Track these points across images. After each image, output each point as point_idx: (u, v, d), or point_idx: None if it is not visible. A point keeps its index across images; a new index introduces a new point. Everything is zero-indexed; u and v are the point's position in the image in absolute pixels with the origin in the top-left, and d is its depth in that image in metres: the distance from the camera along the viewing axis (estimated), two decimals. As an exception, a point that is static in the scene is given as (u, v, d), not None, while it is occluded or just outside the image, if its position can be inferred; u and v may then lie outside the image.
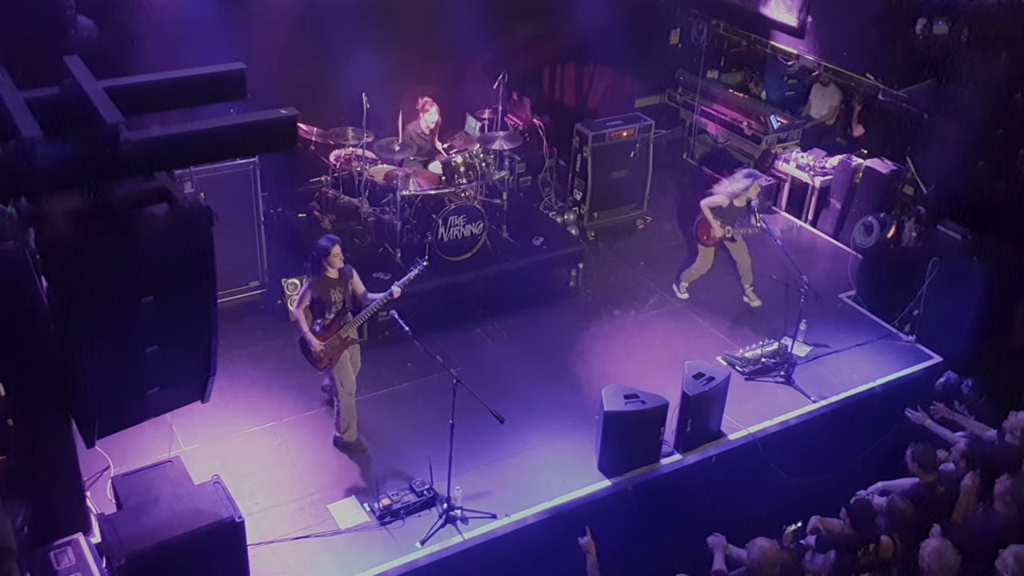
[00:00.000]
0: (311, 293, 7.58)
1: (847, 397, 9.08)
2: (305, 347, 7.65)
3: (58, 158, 3.61)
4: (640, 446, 8.02)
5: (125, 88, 3.94)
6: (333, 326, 7.62)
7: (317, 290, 7.57)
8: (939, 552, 6.16)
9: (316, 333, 7.60)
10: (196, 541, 5.84)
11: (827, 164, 11.84)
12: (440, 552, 7.17)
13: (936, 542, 6.25)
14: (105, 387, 4.34)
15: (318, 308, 7.65)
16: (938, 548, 6.19)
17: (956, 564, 6.17)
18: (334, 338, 7.60)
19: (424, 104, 10.41)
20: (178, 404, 4.88)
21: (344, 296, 7.64)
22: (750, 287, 10.28)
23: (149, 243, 4.04)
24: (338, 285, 7.60)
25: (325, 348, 7.58)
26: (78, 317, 4.08)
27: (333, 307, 7.61)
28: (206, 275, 4.33)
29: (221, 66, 4.26)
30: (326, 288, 7.57)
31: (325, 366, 7.71)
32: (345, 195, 10.25)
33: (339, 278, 7.59)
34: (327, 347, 7.59)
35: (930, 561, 6.15)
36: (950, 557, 6.16)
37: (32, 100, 3.71)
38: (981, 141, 9.28)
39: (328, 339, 7.59)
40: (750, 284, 10.27)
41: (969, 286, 9.25)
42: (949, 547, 6.21)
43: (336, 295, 7.60)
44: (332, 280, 7.56)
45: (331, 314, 7.61)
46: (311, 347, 7.58)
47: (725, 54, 13.59)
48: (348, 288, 7.66)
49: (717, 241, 10.01)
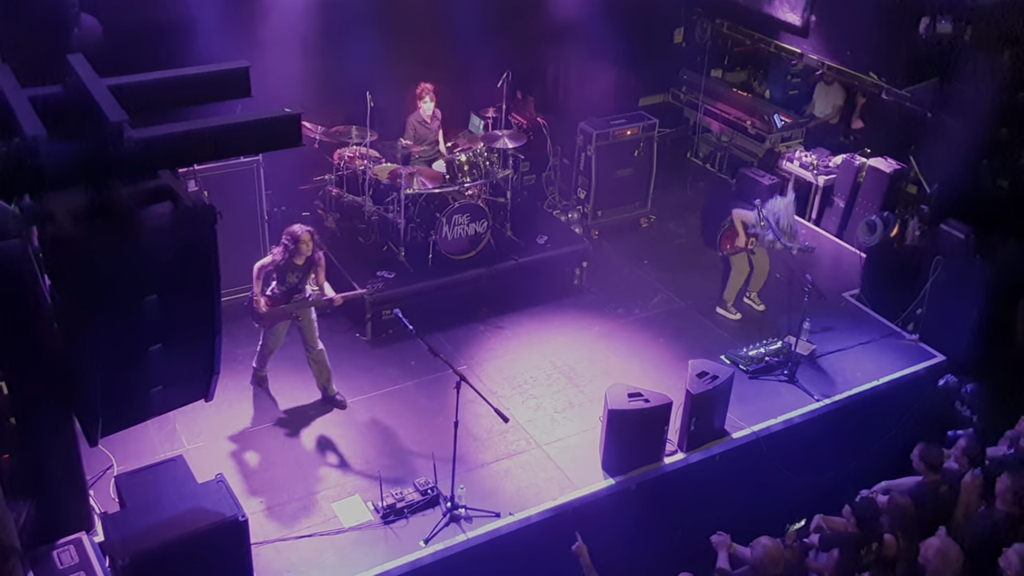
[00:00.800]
0: (271, 263, 7.99)
1: (850, 396, 9.06)
2: (251, 304, 8.05)
3: (62, 156, 3.61)
4: (644, 445, 8.01)
5: (129, 86, 3.94)
6: (282, 298, 8.06)
7: (279, 265, 7.97)
8: (943, 552, 6.16)
9: (267, 296, 8.02)
10: (199, 540, 5.84)
11: (831, 163, 11.82)
12: (444, 551, 7.16)
13: (939, 542, 6.24)
14: (108, 385, 4.34)
15: (276, 276, 8.07)
16: (941, 548, 6.18)
17: (959, 563, 6.16)
18: (278, 309, 8.05)
19: (422, 91, 10.39)
20: (181, 403, 4.89)
21: (300, 281, 8.08)
22: (756, 293, 10.26)
23: (153, 242, 4.04)
24: (299, 271, 8.01)
25: (268, 313, 8.03)
26: (81, 315, 4.09)
27: (284, 284, 8.05)
28: (209, 273, 4.33)
29: (225, 64, 4.27)
30: (287, 268, 7.98)
31: (265, 326, 8.21)
32: (349, 193, 10.26)
33: (303, 264, 7.98)
34: (270, 314, 8.04)
35: (935, 562, 6.14)
36: (953, 557, 6.16)
37: (36, 98, 3.71)
38: (985, 140, 9.25)
39: (272, 307, 8.02)
40: (757, 291, 10.26)
41: (972, 285, 9.23)
42: (952, 547, 6.21)
43: (292, 279, 8.03)
44: (295, 264, 7.96)
45: (284, 287, 8.05)
46: (257, 308, 8.01)
47: (729, 53, 13.57)
48: (309, 274, 8.08)
49: (740, 250, 9.95)
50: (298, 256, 7.88)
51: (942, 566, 6.12)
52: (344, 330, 9.49)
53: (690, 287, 10.64)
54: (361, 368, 9.05)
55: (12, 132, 3.57)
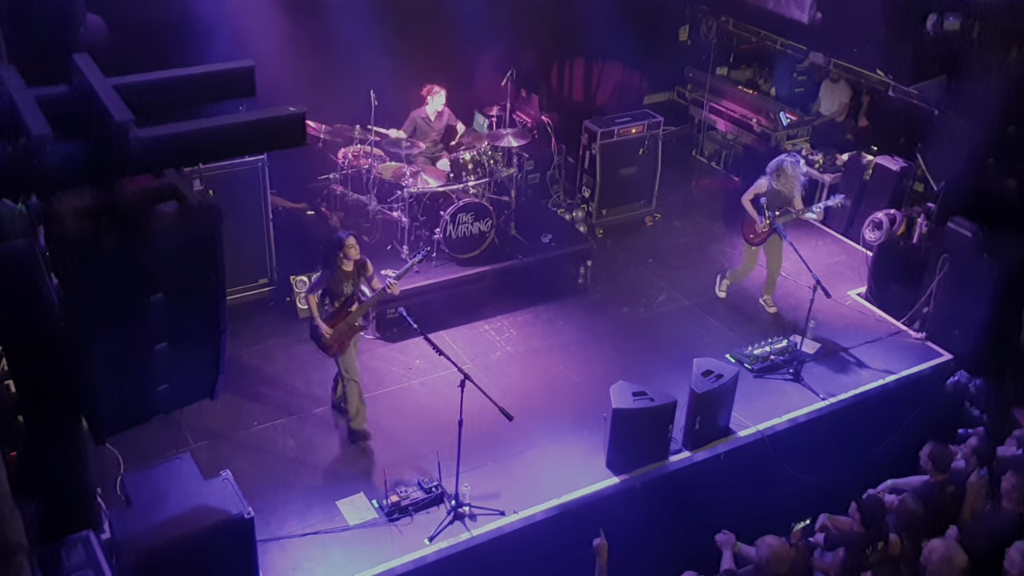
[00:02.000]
0: (324, 284, 7.71)
1: (856, 395, 9.05)
2: (316, 333, 7.73)
3: (68, 156, 3.62)
4: (648, 443, 8.01)
5: (134, 86, 3.94)
6: (341, 313, 7.71)
7: (330, 281, 7.68)
8: (947, 557, 6.13)
9: (324, 319, 7.70)
10: (206, 538, 5.85)
11: (837, 161, 11.81)
12: (448, 549, 7.18)
13: (943, 546, 6.20)
14: (115, 384, 4.35)
15: (328, 296, 7.77)
16: (944, 553, 6.15)
17: (963, 565, 6.14)
18: (342, 324, 7.69)
19: (430, 89, 10.39)
20: (187, 401, 4.89)
21: (355, 287, 7.77)
22: (769, 296, 10.24)
23: (158, 241, 4.04)
24: (351, 278, 7.72)
25: (334, 334, 7.68)
26: (88, 314, 4.09)
27: (342, 296, 7.74)
28: (215, 272, 4.33)
29: (230, 63, 4.27)
30: (338, 280, 7.68)
31: (335, 352, 7.79)
32: (353, 192, 10.26)
33: (353, 270, 7.70)
34: (336, 334, 7.68)
35: (937, 564, 6.12)
36: (957, 558, 6.14)
37: (42, 98, 3.72)
38: (992, 138, 9.22)
39: (336, 326, 7.68)
40: (771, 293, 10.23)
41: (979, 283, 9.21)
42: (956, 549, 6.19)
43: (347, 287, 7.72)
44: (346, 272, 7.68)
45: (339, 302, 7.72)
46: (321, 333, 7.66)
47: (734, 50, 13.56)
48: (360, 280, 7.79)
49: (763, 238, 9.84)
50: (346, 262, 7.66)
51: (947, 569, 6.10)
52: (349, 328, 9.52)
53: (695, 285, 10.63)
54: (366, 366, 9.03)
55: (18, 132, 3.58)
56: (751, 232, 9.93)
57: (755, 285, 10.54)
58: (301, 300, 9.61)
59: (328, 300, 7.78)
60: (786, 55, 12.62)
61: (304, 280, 9.64)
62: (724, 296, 10.41)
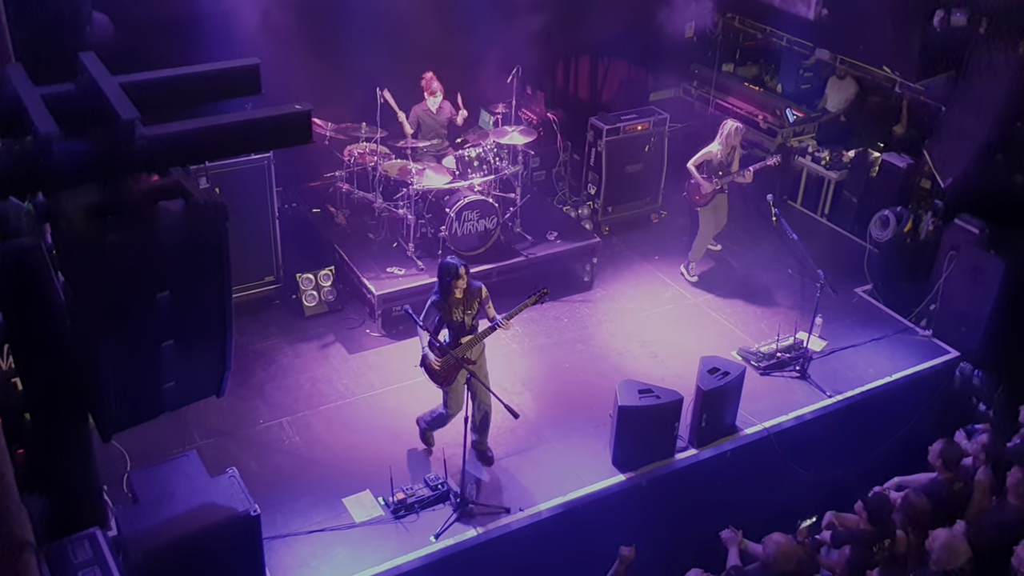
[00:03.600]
0: (435, 310, 7.41)
1: (863, 392, 9.04)
2: (425, 362, 7.53)
3: (74, 154, 3.62)
4: (654, 441, 8.00)
5: (140, 84, 3.94)
6: (451, 344, 7.45)
7: (440, 307, 7.39)
8: (949, 545, 6.13)
9: (436, 349, 7.41)
10: (212, 535, 5.86)
11: (844, 158, 11.78)
12: (454, 546, 7.18)
13: (945, 534, 6.21)
14: (121, 382, 4.35)
15: (445, 325, 7.48)
16: (947, 541, 6.16)
17: (966, 554, 6.13)
18: (449, 357, 7.38)
19: (428, 82, 10.37)
20: (194, 399, 4.89)
21: (468, 316, 7.41)
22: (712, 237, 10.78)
23: (164, 238, 4.04)
24: (461, 305, 7.37)
25: (443, 366, 7.42)
26: (94, 312, 4.10)
27: (455, 325, 7.41)
28: (221, 270, 4.33)
29: (235, 61, 4.27)
30: (450, 307, 7.37)
31: (441, 382, 7.54)
32: (359, 190, 10.27)
33: (464, 298, 7.36)
34: (444, 365, 7.42)
35: (940, 553, 6.12)
36: (960, 548, 6.13)
37: (48, 96, 3.72)
38: (999, 134, 9.20)
39: (446, 356, 7.40)
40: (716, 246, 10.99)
41: (986, 280, 9.19)
42: (958, 538, 6.18)
43: (458, 315, 7.37)
44: (456, 299, 7.35)
45: (453, 331, 7.44)
46: (431, 364, 7.45)
47: (740, 47, 13.52)
48: (475, 307, 7.42)
49: (712, 196, 10.22)
50: (456, 291, 7.28)
51: (948, 558, 6.10)
52: (355, 326, 9.52)
53: (701, 283, 10.62)
54: (371, 364, 9.07)
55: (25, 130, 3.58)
56: (697, 194, 10.30)
57: (756, 284, 10.55)
58: (307, 298, 9.62)
59: (446, 329, 7.46)
60: (792, 51, 12.58)
61: (310, 278, 9.65)
62: (696, 280, 10.61)
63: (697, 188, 10.28)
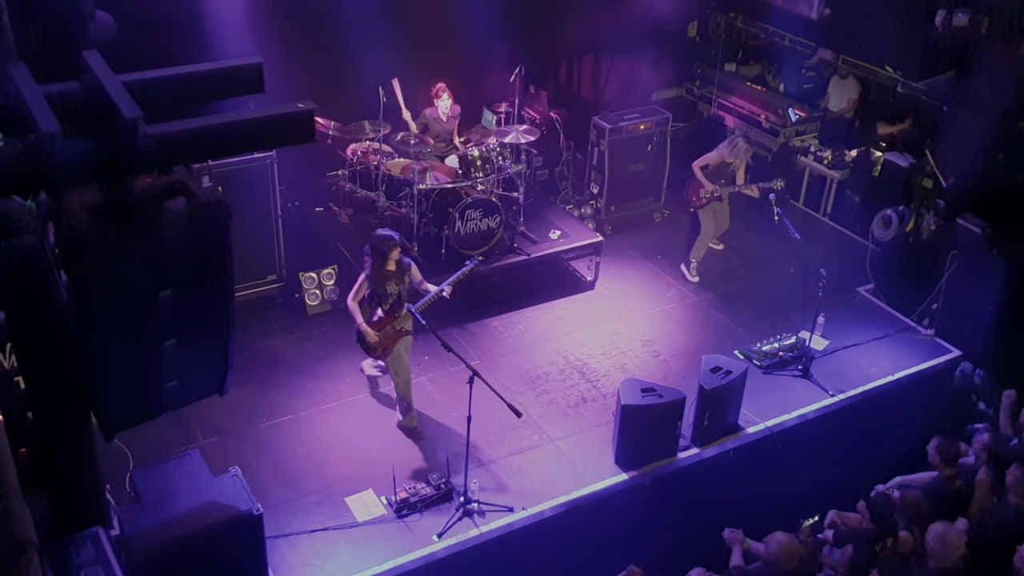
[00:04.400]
0: (368, 285, 7.65)
1: (865, 391, 9.03)
2: (361, 337, 7.73)
3: (77, 152, 3.62)
4: (657, 440, 8.00)
5: (143, 82, 3.94)
6: (388, 317, 7.71)
7: (373, 282, 7.63)
8: (942, 535, 6.14)
9: (371, 324, 7.67)
10: (215, 534, 5.86)
11: (846, 157, 11.77)
12: (457, 545, 7.18)
13: (940, 526, 6.22)
14: (124, 381, 4.36)
15: (374, 300, 7.73)
16: (941, 532, 6.17)
17: (960, 546, 6.13)
18: (388, 329, 7.69)
19: (437, 91, 10.40)
20: (196, 398, 4.90)
21: (400, 288, 7.72)
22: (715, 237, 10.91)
23: (167, 237, 4.05)
24: (394, 278, 7.67)
25: (380, 339, 7.67)
26: (97, 311, 4.10)
27: (389, 299, 7.70)
28: (224, 269, 4.34)
29: (239, 60, 4.27)
30: (382, 280, 7.63)
31: (379, 355, 7.83)
32: (362, 189, 10.27)
33: (396, 271, 7.65)
34: (382, 338, 7.67)
35: (933, 544, 6.13)
36: (953, 540, 6.13)
37: (51, 95, 3.72)
38: (1001, 134, 9.20)
39: (383, 330, 7.68)
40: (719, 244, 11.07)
41: (988, 280, 9.19)
42: (952, 530, 6.19)
43: (392, 287, 7.67)
44: (389, 272, 7.63)
45: (387, 305, 7.70)
46: (367, 338, 7.66)
47: (743, 46, 13.51)
48: (405, 281, 7.74)
49: (708, 201, 10.33)
50: (389, 262, 7.60)
51: (941, 548, 6.11)
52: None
53: (703, 282, 10.62)
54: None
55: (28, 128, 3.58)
56: (694, 196, 10.42)
57: (758, 283, 10.55)
58: (310, 296, 9.63)
59: (375, 303, 7.73)
60: (795, 51, 12.57)
61: (313, 276, 9.66)
62: (697, 280, 10.64)
63: (696, 190, 10.35)
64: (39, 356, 4.86)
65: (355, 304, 7.70)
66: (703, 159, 10.32)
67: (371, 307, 7.78)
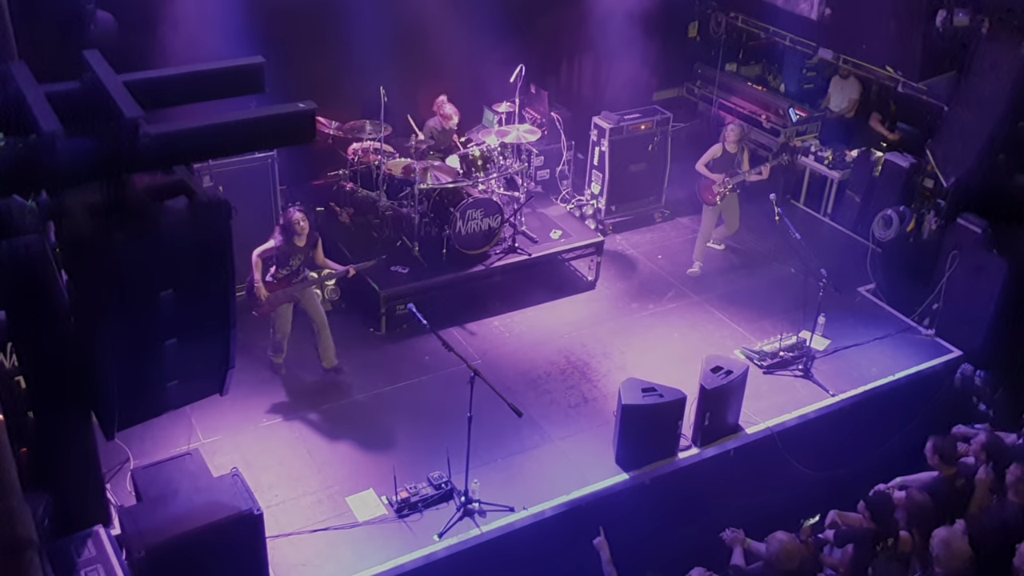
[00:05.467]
0: (274, 252, 8.22)
1: (866, 391, 9.03)
2: (251, 289, 8.28)
3: (78, 152, 3.63)
4: (658, 440, 8.00)
5: (145, 82, 3.95)
6: (283, 282, 8.31)
7: (280, 250, 8.22)
8: (947, 542, 6.13)
9: (267, 283, 8.25)
10: (215, 533, 5.86)
11: (847, 157, 11.77)
12: (458, 545, 7.18)
13: (945, 532, 6.21)
14: (125, 380, 4.36)
15: (276, 262, 8.28)
16: (946, 538, 6.16)
17: (966, 552, 6.13)
18: (280, 292, 8.32)
19: (440, 105, 10.41)
20: (197, 397, 4.91)
21: (302, 262, 8.37)
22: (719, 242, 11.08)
23: (168, 237, 4.05)
24: (300, 252, 8.29)
25: (270, 299, 8.28)
26: (98, 310, 4.11)
27: (289, 267, 8.29)
28: (224, 268, 4.34)
29: (240, 60, 4.28)
30: (288, 251, 8.23)
31: (262, 314, 8.41)
32: (363, 188, 10.27)
33: (304, 246, 8.27)
34: (272, 299, 8.29)
35: (939, 551, 6.12)
36: (958, 546, 6.13)
37: (53, 94, 3.73)
38: (1002, 134, 9.20)
39: (275, 292, 8.28)
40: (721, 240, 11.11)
41: (989, 280, 9.19)
42: (957, 537, 6.18)
43: (296, 261, 8.30)
44: (296, 247, 8.23)
45: (285, 271, 8.29)
46: (257, 294, 8.24)
47: (744, 47, 13.51)
48: (308, 255, 8.38)
49: (723, 195, 10.43)
50: (298, 238, 8.17)
51: (947, 556, 6.10)
52: (358, 325, 9.53)
53: (704, 281, 10.62)
54: (375, 363, 9.07)
55: (29, 128, 3.59)
56: (708, 193, 10.51)
57: (759, 283, 10.55)
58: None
59: (275, 266, 8.26)
60: (795, 51, 12.55)
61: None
62: (698, 272, 10.78)
63: (709, 187, 10.44)
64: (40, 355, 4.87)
65: (257, 258, 8.23)
66: (704, 157, 10.43)
67: (269, 267, 8.30)
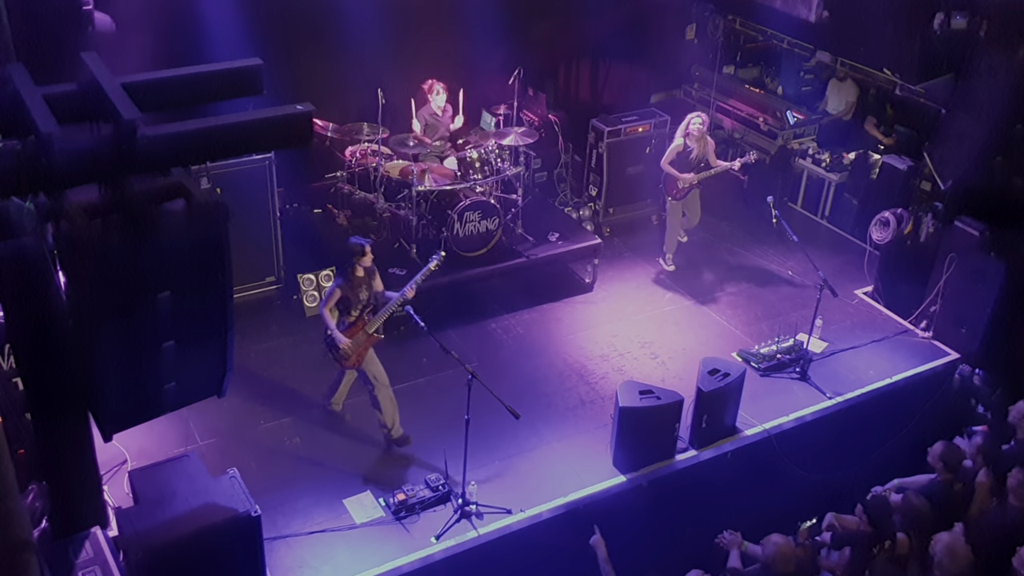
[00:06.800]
0: (339, 292, 7.63)
1: (863, 394, 9.03)
2: (332, 345, 7.69)
3: (76, 154, 3.63)
4: (655, 442, 8.00)
5: (142, 84, 3.95)
6: (358, 323, 7.69)
7: (345, 289, 7.63)
8: (950, 548, 6.14)
9: (342, 330, 7.66)
10: (213, 535, 5.85)
11: (844, 160, 11.79)
12: (455, 547, 7.18)
13: (948, 537, 6.22)
14: (122, 382, 4.36)
15: (344, 306, 7.70)
16: (949, 544, 6.16)
17: (968, 559, 6.14)
18: (360, 334, 7.66)
19: (431, 85, 10.40)
20: (194, 399, 4.90)
21: (370, 294, 7.73)
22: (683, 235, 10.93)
23: (165, 239, 4.05)
24: (364, 283, 7.68)
25: (352, 345, 7.64)
26: (95, 312, 4.10)
27: (359, 304, 7.68)
28: (222, 270, 4.34)
29: (238, 62, 4.28)
30: (354, 287, 7.63)
31: (353, 364, 7.77)
32: (361, 191, 10.28)
33: (365, 276, 7.67)
34: (354, 344, 7.65)
35: (942, 557, 6.13)
36: (962, 552, 6.13)
37: (50, 96, 3.73)
38: (999, 137, 9.20)
39: (354, 336, 7.66)
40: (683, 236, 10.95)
41: (986, 282, 9.19)
42: (960, 542, 6.18)
43: (363, 293, 7.68)
44: (360, 279, 7.64)
45: (356, 311, 7.68)
46: (338, 344, 7.63)
47: (741, 49, 13.53)
48: (372, 286, 7.75)
49: (685, 193, 10.39)
50: (359, 268, 7.62)
51: (951, 562, 6.10)
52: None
53: (702, 284, 10.63)
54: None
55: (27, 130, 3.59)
56: (673, 188, 10.43)
57: (756, 285, 10.56)
58: (308, 298, 9.62)
59: (345, 310, 7.70)
60: (793, 54, 12.60)
61: (311, 278, 9.66)
62: (673, 269, 10.77)
63: (673, 183, 10.39)
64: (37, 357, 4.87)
65: (327, 312, 7.67)
66: (668, 154, 10.34)
67: (340, 314, 7.75)
